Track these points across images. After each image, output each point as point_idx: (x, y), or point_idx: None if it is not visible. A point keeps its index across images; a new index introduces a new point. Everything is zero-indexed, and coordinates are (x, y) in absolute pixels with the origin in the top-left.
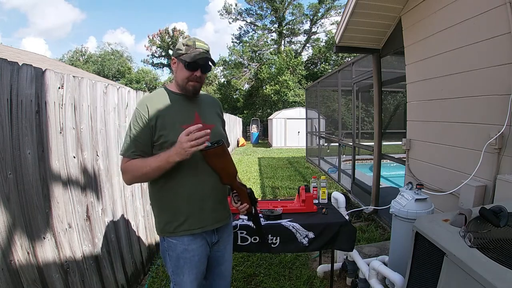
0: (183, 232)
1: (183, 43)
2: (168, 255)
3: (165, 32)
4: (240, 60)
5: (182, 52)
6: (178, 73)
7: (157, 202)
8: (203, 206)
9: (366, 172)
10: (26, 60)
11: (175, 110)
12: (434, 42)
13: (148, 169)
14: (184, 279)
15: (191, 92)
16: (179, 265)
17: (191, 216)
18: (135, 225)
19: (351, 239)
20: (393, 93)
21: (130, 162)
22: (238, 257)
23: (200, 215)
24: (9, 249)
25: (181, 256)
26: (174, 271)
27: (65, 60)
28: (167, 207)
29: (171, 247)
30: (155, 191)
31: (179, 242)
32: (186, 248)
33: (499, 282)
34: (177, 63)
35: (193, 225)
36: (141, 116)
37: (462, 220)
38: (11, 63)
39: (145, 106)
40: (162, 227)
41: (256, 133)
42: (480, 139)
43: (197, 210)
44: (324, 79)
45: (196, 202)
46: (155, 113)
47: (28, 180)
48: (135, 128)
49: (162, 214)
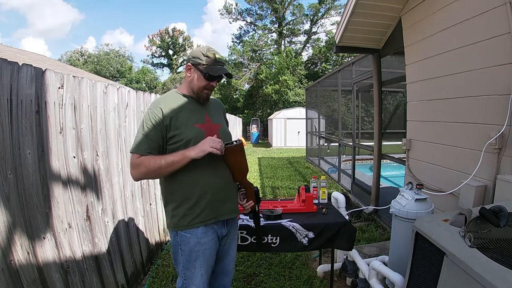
0: (198, 224)
1: (202, 53)
2: (180, 249)
3: (165, 32)
4: (240, 60)
5: (202, 62)
6: (195, 81)
7: (174, 197)
8: (219, 196)
9: (366, 172)
10: (26, 60)
11: (187, 111)
12: (434, 42)
13: (163, 163)
14: (195, 272)
15: (204, 98)
16: (191, 259)
17: (207, 207)
18: (135, 225)
19: (351, 239)
20: (393, 93)
21: (144, 157)
22: (238, 257)
23: (215, 205)
24: (9, 249)
25: (194, 249)
26: (185, 266)
27: (64, 60)
28: (184, 201)
29: (184, 241)
30: (172, 186)
31: (192, 236)
32: (198, 241)
33: (499, 282)
34: (194, 71)
35: (208, 216)
36: (155, 115)
37: (462, 220)
38: (11, 63)
39: (158, 107)
40: (176, 221)
41: (256, 133)
42: (480, 139)
43: (213, 200)
44: (324, 79)
45: (212, 192)
46: (169, 114)
47: (28, 180)
48: (147, 127)
49: (178, 208)
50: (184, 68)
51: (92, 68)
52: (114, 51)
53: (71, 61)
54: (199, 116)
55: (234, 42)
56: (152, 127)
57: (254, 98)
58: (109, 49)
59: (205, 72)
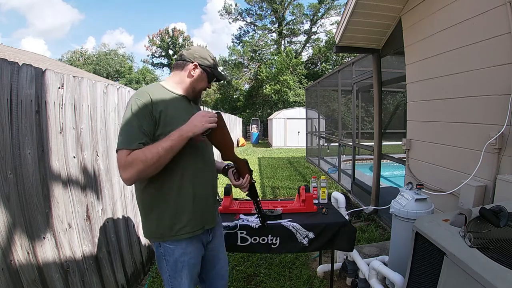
0: (186, 234)
1: (210, 56)
2: (165, 260)
3: (165, 32)
4: (240, 60)
5: (210, 64)
6: (198, 80)
7: (156, 204)
8: (206, 205)
9: (366, 172)
10: (26, 60)
11: (179, 109)
12: (434, 42)
13: (161, 152)
14: (182, 282)
15: (200, 99)
16: (177, 269)
17: (194, 217)
18: (135, 225)
19: (351, 239)
20: (393, 93)
21: (135, 152)
22: (238, 257)
23: (202, 214)
24: (9, 249)
25: (179, 260)
26: (171, 275)
27: (64, 60)
28: (169, 208)
29: (168, 252)
30: (153, 192)
31: (177, 247)
32: (184, 252)
33: (499, 282)
34: (200, 71)
35: (195, 226)
36: (145, 105)
37: (462, 220)
38: (11, 63)
39: (147, 96)
40: (162, 231)
41: (256, 133)
42: (480, 139)
43: (200, 209)
44: (324, 79)
45: (200, 201)
46: (159, 107)
47: (28, 180)
48: (138, 117)
49: (162, 217)
50: (184, 65)
51: (91, 68)
52: (114, 52)
53: (72, 61)
54: (188, 112)
55: (234, 42)
56: (143, 116)
57: (254, 98)
58: (109, 49)
59: (212, 74)
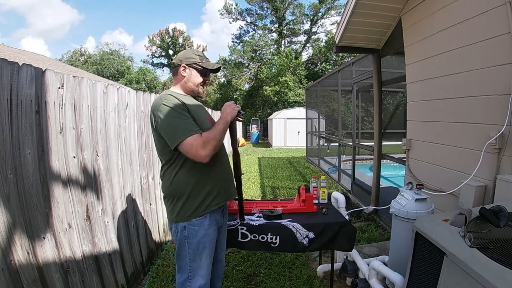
0: (215, 206)
1: (194, 54)
2: (187, 243)
3: (165, 32)
4: (240, 60)
5: (197, 60)
6: (192, 78)
7: (186, 188)
8: (229, 179)
9: (366, 172)
10: (26, 60)
11: (195, 105)
12: (434, 42)
13: (221, 131)
14: (201, 263)
15: (201, 93)
16: (198, 251)
17: (221, 189)
18: (135, 225)
19: (351, 239)
20: (393, 93)
21: (204, 134)
22: (238, 257)
23: (227, 187)
24: (9, 249)
25: (201, 241)
26: (191, 258)
27: (64, 60)
28: (200, 188)
29: (192, 234)
30: (184, 176)
31: (200, 228)
32: (205, 233)
33: (499, 282)
34: (189, 70)
35: (222, 197)
36: (178, 104)
37: (462, 220)
38: (11, 63)
39: (174, 98)
40: (191, 212)
41: (256, 133)
42: (480, 139)
43: (225, 183)
44: (324, 79)
45: (227, 175)
46: (186, 106)
47: (28, 180)
48: (181, 113)
49: (193, 197)
50: (176, 70)
51: (91, 68)
52: (114, 52)
53: (72, 61)
54: (203, 110)
55: (234, 42)
56: (183, 112)
57: (254, 98)
58: (109, 49)
59: (202, 68)
